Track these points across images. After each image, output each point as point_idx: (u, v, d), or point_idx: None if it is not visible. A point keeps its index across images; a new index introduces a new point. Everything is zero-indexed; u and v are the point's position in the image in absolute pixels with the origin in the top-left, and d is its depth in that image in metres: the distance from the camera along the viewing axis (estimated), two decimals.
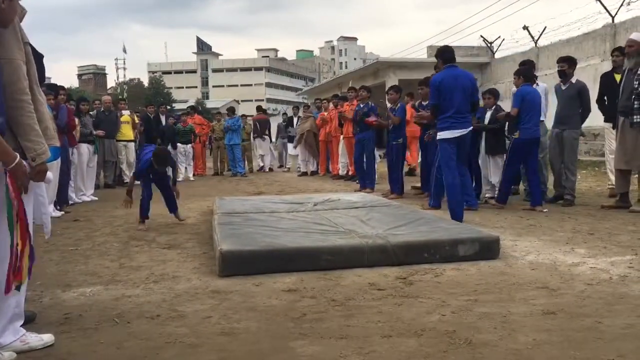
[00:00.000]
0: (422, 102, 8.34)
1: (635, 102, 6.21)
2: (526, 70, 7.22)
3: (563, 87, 7.15)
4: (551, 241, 4.93)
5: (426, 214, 5.69)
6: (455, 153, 6.15)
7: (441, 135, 6.19)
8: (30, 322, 2.92)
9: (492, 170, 7.36)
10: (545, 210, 6.75)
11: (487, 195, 7.51)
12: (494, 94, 7.58)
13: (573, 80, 7.09)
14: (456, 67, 6.22)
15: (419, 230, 4.70)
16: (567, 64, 7.14)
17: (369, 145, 9.53)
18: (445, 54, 6.31)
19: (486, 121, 7.41)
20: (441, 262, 4.19)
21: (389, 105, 9.21)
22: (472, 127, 6.33)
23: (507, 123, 7.21)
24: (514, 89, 7.75)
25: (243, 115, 16.46)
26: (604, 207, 6.71)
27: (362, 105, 9.79)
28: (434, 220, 5.24)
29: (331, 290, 3.55)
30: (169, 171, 6.81)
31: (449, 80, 6.09)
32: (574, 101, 7.03)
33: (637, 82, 6.22)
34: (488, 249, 4.34)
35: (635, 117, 6.22)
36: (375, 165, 10.01)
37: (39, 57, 2.92)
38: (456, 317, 2.96)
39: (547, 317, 2.92)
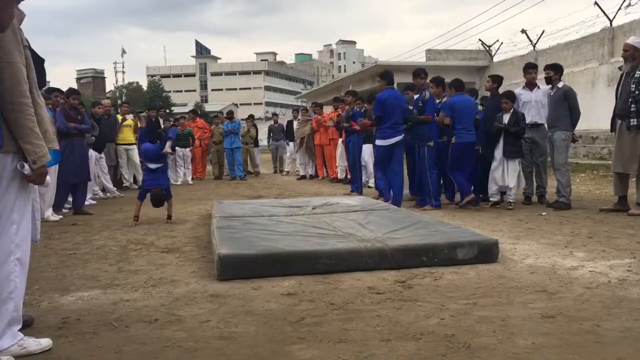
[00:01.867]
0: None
1: (632, 106, 6.22)
2: (457, 82, 7.90)
3: (551, 93, 7.35)
4: (550, 244, 4.93)
5: (424, 218, 5.69)
6: (389, 156, 7.58)
7: (380, 142, 7.61)
8: (27, 326, 2.91)
9: (509, 174, 7.30)
10: (544, 213, 6.76)
11: (492, 199, 7.48)
12: (511, 98, 7.53)
13: (560, 85, 7.27)
14: (394, 89, 7.73)
15: (418, 234, 4.70)
16: (552, 71, 7.36)
17: (354, 148, 9.75)
18: (389, 77, 7.73)
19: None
20: (440, 265, 4.18)
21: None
22: (402, 136, 7.55)
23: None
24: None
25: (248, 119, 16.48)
26: (603, 210, 6.70)
27: (347, 111, 10.29)
28: (433, 223, 5.24)
29: (330, 294, 3.55)
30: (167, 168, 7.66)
31: (392, 99, 7.52)
32: (560, 104, 7.18)
33: (634, 86, 6.23)
34: (487, 253, 4.34)
35: (632, 120, 6.24)
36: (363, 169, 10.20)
37: (39, 62, 2.93)
38: (455, 321, 2.96)
39: (545, 321, 2.92)
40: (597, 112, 10.11)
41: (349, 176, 11.53)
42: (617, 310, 3.07)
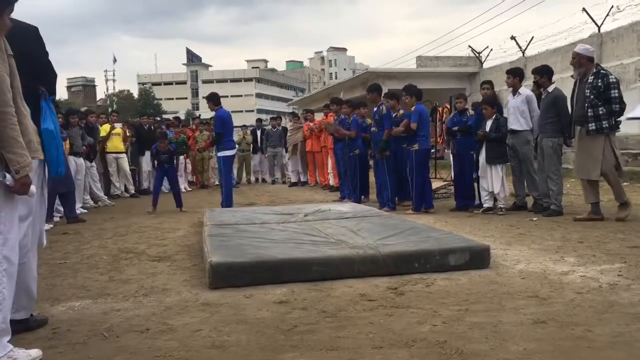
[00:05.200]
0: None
1: (589, 110, 6.23)
2: (417, 90, 8.09)
3: (543, 97, 7.23)
4: (541, 250, 4.95)
5: (416, 224, 5.70)
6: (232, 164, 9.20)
7: (225, 153, 8.75)
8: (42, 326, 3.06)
9: (493, 180, 7.34)
10: (534, 219, 6.78)
11: (485, 204, 7.51)
12: (489, 104, 7.54)
13: (550, 89, 7.13)
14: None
15: (410, 240, 4.71)
16: (539, 75, 7.26)
17: (341, 155, 9.93)
18: (219, 98, 8.90)
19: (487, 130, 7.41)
20: (432, 271, 4.19)
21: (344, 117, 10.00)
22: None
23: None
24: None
25: (244, 126, 16.34)
26: (577, 220, 6.49)
27: (335, 118, 10.64)
28: (425, 230, 5.25)
29: (322, 301, 3.54)
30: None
31: (228, 116, 8.85)
32: (549, 110, 7.05)
33: (588, 91, 6.27)
34: (478, 258, 4.35)
35: (590, 124, 6.24)
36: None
37: (53, 76, 3.26)
38: (447, 327, 2.96)
39: (537, 326, 2.93)
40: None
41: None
42: (608, 315, 3.08)
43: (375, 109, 8.55)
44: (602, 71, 6.38)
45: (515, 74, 7.68)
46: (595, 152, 6.29)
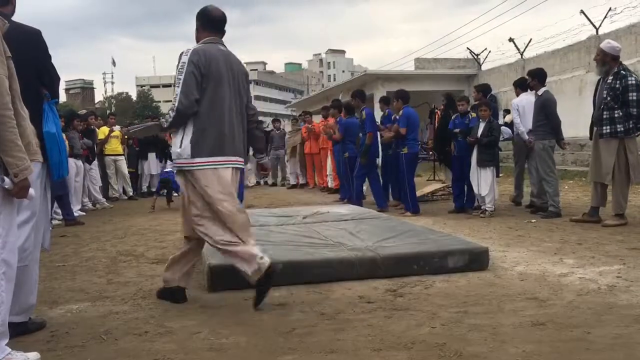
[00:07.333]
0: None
1: (605, 113, 6.09)
2: (404, 94, 8.08)
3: (534, 100, 7.25)
4: (540, 252, 4.95)
5: (415, 226, 5.70)
6: None
7: None
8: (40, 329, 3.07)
9: (481, 182, 7.35)
10: (533, 220, 6.78)
11: (484, 206, 7.51)
12: (489, 106, 7.59)
13: (540, 92, 7.12)
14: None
15: (409, 242, 4.70)
16: (531, 77, 7.34)
17: (340, 157, 9.99)
18: None
19: (479, 133, 7.39)
20: (431, 273, 4.18)
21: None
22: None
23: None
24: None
25: None
26: (573, 220, 6.48)
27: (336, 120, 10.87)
28: (423, 232, 5.25)
29: (321, 303, 3.54)
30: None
31: None
32: (539, 112, 7.07)
33: (605, 92, 6.10)
34: (477, 260, 4.35)
35: (604, 128, 6.10)
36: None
37: (57, 79, 3.27)
38: (446, 329, 2.96)
39: (536, 328, 2.93)
40: (584, 119, 10.17)
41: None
42: (607, 317, 3.08)
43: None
44: (622, 71, 6.07)
45: (517, 85, 8.05)
46: (607, 156, 6.10)
